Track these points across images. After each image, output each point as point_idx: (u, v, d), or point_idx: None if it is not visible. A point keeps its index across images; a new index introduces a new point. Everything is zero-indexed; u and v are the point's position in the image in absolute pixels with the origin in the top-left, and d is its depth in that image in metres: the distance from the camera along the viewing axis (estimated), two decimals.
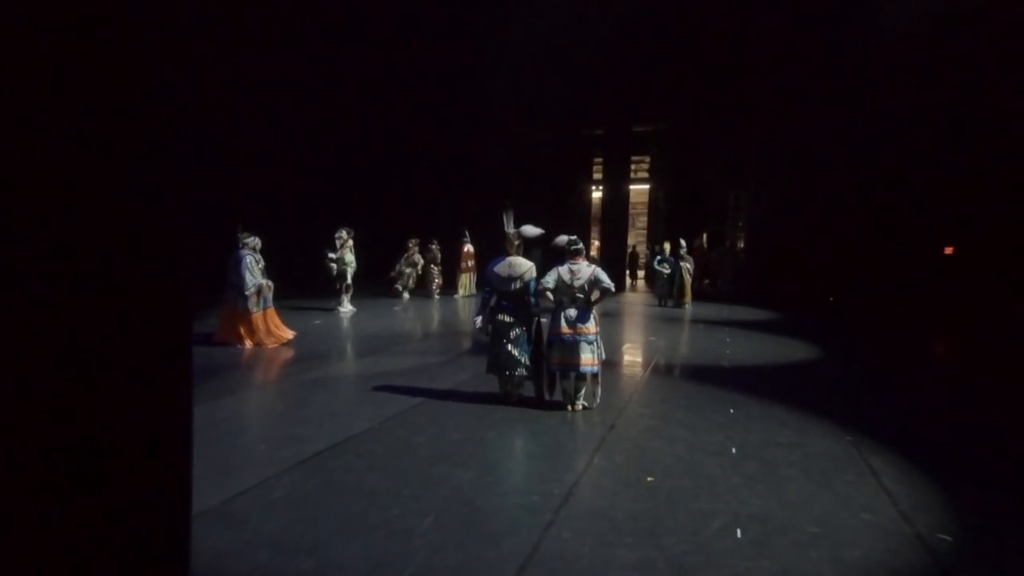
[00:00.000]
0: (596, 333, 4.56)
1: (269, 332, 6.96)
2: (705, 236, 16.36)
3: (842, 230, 13.65)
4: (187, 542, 1.14)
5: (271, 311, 7.07)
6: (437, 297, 12.32)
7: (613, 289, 4.62)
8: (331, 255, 9.64)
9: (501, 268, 4.72)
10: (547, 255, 4.96)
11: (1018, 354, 8.32)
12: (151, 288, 1.03)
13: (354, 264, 9.78)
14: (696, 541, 2.67)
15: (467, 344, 7.64)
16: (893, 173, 13.01)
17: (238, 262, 6.81)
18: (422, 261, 12.28)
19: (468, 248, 12.71)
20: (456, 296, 12.46)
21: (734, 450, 3.85)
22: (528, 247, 4.93)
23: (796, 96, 13.93)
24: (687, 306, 11.97)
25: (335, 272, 9.69)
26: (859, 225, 13.43)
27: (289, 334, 7.16)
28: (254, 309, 6.81)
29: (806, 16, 13.50)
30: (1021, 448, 4.26)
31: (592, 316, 4.57)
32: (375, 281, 12.26)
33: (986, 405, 5.51)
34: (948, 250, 12.97)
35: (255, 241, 7.06)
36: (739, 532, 2.76)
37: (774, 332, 9.33)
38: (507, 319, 4.67)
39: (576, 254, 4.62)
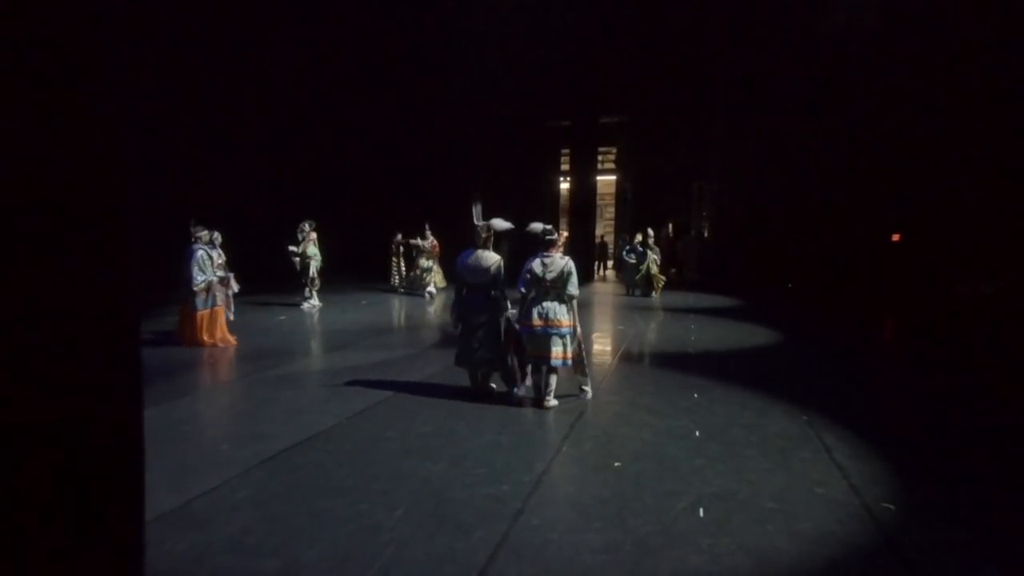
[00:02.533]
0: (571, 327, 4.46)
1: (213, 333, 6.62)
2: (671, 226, 16.69)
3: (800, 219, 14.17)
4: (141, 546, 1.10)
5: (219, 310, 6.71)
6: (401, 291, 12.21)
7: (577, 296, 4.52)
8: (293, 249, 9.40)
9: (470, 261, 4.69)
10: (516, 248, 4.93)
11: (960, 335, 8.85)
12: (96, 283, 0.99)
13: (318, 257, 9.55)
14: (662, 522, 2.75)
15: (435, 337, 7.59)
16: (846, 165, 13.56)
17: (189, 257, 6.54)
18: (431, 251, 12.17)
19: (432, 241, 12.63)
20: (430, 289, 12.36)
21: (698, 433, 3.97)
22: (498, 240, 4.90)
23: (756, 88, 14.31)
24: (654, 295, 12.21)
25: (299, 266, 9.45)
26: (815, 214, 13.97)
27: (232, 340, 6.76)
28: (200, 307, 6.52)
29: (766, 11, 13.85)
30: (961, 423, 4.55)
31: (566, 308, 4.47)
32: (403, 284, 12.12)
33: (930, 384, 5.85)
34: (895, 237, 13.64)
35: (208, 235, 6.77)
36: (702, 511, 2.86)
37: (737, 318, 9.64)
38: (475, 312, 4.66)
39: (550, 244, 4.52)
